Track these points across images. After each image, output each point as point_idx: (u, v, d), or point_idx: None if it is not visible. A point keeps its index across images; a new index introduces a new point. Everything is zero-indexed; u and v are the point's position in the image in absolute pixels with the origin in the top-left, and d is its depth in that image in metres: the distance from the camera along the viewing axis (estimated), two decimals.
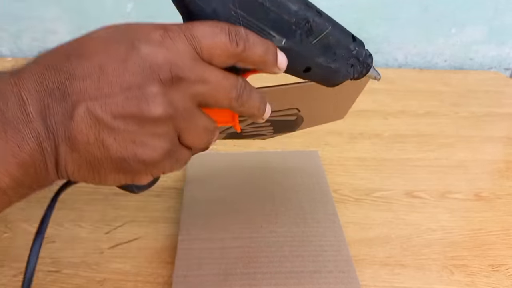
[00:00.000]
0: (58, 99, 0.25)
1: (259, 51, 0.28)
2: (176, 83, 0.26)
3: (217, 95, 0.28)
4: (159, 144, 0.27)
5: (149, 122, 0.26)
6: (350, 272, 0.46)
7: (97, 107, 0.25)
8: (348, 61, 0.32)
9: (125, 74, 0.25)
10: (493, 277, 0.48)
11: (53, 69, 0.25)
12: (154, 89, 0.26)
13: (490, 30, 1.01)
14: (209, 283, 0.44)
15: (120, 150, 0.26)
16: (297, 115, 0.48)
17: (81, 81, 0.25)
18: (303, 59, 0.30)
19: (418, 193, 0.60)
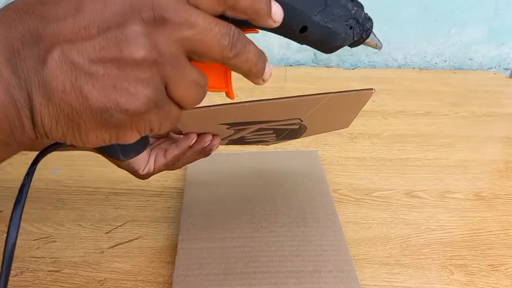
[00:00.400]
0: (30, 44, 0.22)
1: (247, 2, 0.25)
2: (160, 25, 0.24)
3: (207, 41, 0.25)
4: (142, 91, 0.24)
5: (130, 65, 0.23)
6: (350, 271, 0.46)
7: (72, 50, 0.22)
8: (347, 22, 0.31)
9: (103, 13, 0.23)
10: (493, 277, 0.48)
11: (25, 12, 0.23)
12: (135, 28, 0.23)
13: (490, 30, 1.01)
14: (209, 283, 0.44)
15: (100, 98, 0.23)
16: (300, 124, 0.48)
17: (55, 23, 0.22)
18: (299, 16, 0.29)
19: (417, 193, 0.60)
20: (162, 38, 0.24)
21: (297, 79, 0.94)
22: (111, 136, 0.25)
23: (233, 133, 0.46)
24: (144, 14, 0.23)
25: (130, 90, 0.24)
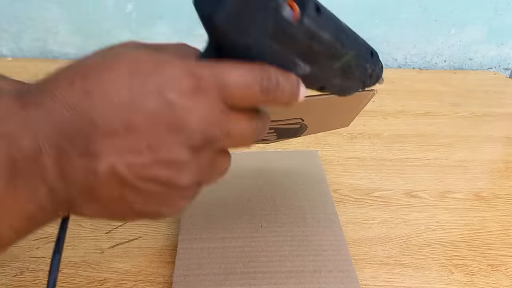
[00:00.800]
0: (81, 151, 0.22)
1: (285, 97, 0.27)
2: (205, 145, 0.25)
3: (238, 144, 0.27)
4: (182, 203, 0.26)
5: (175, 188, 0.25)
6: (350, 271, 0.46)
7: (123, 166, 0.23)
8: (361, 79, 0.32)
9: (154, 132, 0.23)
10: (493, 277, 0.48)
11: (74, 109, 0.22)
12: (183, 157, 0.24)
13: (489, 30, 1.01)
14: (209, 283, 0.44)
15: (144, 208, 0.25)
16: (301, 124, 0.48)
17: (107, 136, 0.22)
18: (321, 81, 0.30)
19: (417, 193, 0.60)
20: (205, 156, 0.25)
21: None
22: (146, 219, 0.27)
23: None
24: (194, 142, 0.24)
25: (171, 204, 0.26)
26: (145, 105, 0.23)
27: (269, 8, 0.23)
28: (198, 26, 0.25)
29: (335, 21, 0.27)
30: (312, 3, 0.25)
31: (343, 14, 0.95)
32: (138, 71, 0.23)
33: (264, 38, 0.24)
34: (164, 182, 0.24)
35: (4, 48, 1.00)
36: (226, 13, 0.23)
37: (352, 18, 1.07)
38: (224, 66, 0.24)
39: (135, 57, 0.24)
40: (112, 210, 0.25)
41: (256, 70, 0.25)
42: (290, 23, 0.24)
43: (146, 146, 0.23)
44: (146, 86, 0.23)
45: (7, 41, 1.00)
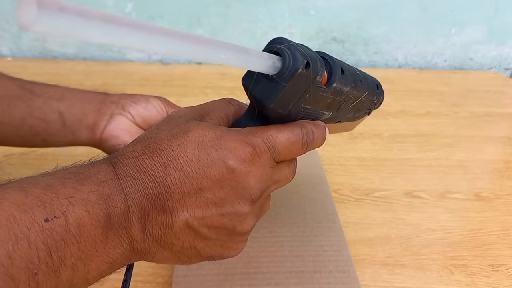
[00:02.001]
0: (159, 210, 0.27)
1: (319, 143, 0.33)
2: (260, 196, 0.30)
3: (283, 185, 0.33)
4: (242, 246, 0.32)
5: (238, 235, 0.30)
6: (350, 272, 0.46)
7: (195, 221, 0.28)
8: (369, 108, 0.37)
9: (220, 192, 0.28)
10: (493, 277, 0.48)
11: (154, 180, 0.27)
12: (245, 209, 0.29)
13: (490, 30, 1.01)
14: (209, 283, 0.44)
15: (210, 252, 0.30)
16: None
17: (181, 198, 0.28)
18: (338, 118, 0.34)
19: (418, 193, 0.60)
20: (260, 205, 0.31)
21: None
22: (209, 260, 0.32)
23: None
24: (253, 196, 0.29)
25: (233, 248, 0.31)
26: (211, 172, 0.28)
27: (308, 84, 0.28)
28: (198, 26, 0.25)
29: (353, 73, 0.32)
30: (338, 67, 0.30)
31: (343, 14, 0.94)
32: (204, 146, 0.28)
33: (301, 105, 0.29)
34: (229, 229, 0.29)
35: (4, 48, 1.00)
36: (276, 100, 0.27)
37: (352, 18, 1.08)
38: (271, 131, 0.30)
39: (199, 132, 0.29)
40: (182, 256, 0.30)
41: (296, 129, 0.31)
42: (322, 88, 0.29)
43: (213, 204, 0.28)
44: (211, 158, 0.28)
45: (7, 41, 1.00)
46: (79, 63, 0.97)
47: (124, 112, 0.46)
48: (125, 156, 0.28)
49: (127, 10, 0.96)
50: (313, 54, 0.28)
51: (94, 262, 0.26)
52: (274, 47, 0.27)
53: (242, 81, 0.29)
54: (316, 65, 0.28)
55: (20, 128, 0.44)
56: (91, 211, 0.25)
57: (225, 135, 0.29)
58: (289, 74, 0.26)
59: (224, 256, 0.31)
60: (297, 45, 0.27)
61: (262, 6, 0.96)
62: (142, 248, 0.28)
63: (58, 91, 0.46)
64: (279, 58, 0.27)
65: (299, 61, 0.26)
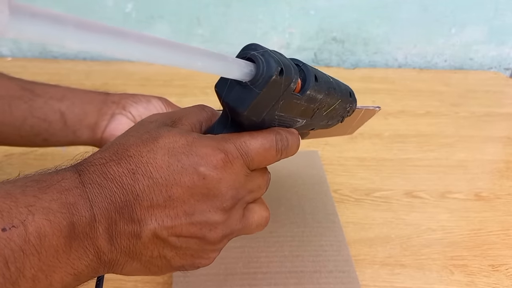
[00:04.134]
0: (126, 219, 0.27)
1: (293, 151, 0.32)
2: (234, 205, 0.29)
3: (257, 196, 0.32)
4: (214, 255, 0.30)
5: (208, 244, 0.29)
6: (350, 272, 0.46)
7: (164, 231, 0.27)
8: (342, 115, 0.37)
9: (190, 200, 0.27)
10: (493, 277, 0.48)
11: (122, 187, 0.27)
12: (216, 217, 0.28)
13: (490, 30, 1.01)
14: (209, 283, 0.44)
15: (180, 261, 0.29)
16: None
17: (149, 206, 0.27)
18: (312, 126, 0.35)
19: (418, 193, 0.60)
20: (234, 215, 0.29)
21: None
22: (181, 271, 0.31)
23: None
24: (225, 204, 0.28)
25: (204, 257, 0.30)
26: (181, 179, 0.27)
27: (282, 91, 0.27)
28: (198, 26, 0.25)
29: (327, 80, 0.32)
30: (312, 75, 0.29)
31: (343, 14, 0.95)
32: (174, 152, 0.27)
33: (275, 112, 0.29)
34: (199, 238, 0.28)
35: (4, 48, 1.00)
36: (249, 108, 0.27)
37: (352, 18, 1.08)
38: (245, 138, 0.29)
39: (170, 138, 0.28)
40: (152, 267, 0.29)
41: (270, 136, 0.30)
42: (296, 96, 0.29)
43: (182, 212, 0.27)
44: (182, 165, 0.27)
45: (7, 41, 1.00)
46: (79, 63, 0.97)
47: (125, 112, 0.46)
48: (92, 163, 0.27)
49: (127, 10, 0.96)
50: (287, 61, 0.28)
51: (57, 274, 0.25)
52: (248, 54, 0.27)
53: (215, 88, 0.29)
54: (290, 72, 0.27)
55: (21, 128, 0.44)
56: (52, 220, 0.24)
57: (197, 142, 0.28)
58: (263, 81, 0.26)
59: (195, 265, 0.30)
60: (271, 52, 0.27)
61: (262, 6, 0.96)
62: (110, 259, 0.27)
63: (59, 91, 0.46)
64: (253, 65, 0.26)
65: (273, 68, 0.26)
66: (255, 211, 0.32)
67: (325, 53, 1.02)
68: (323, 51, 1.02)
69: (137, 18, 0.97)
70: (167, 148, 0.27)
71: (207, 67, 0.24)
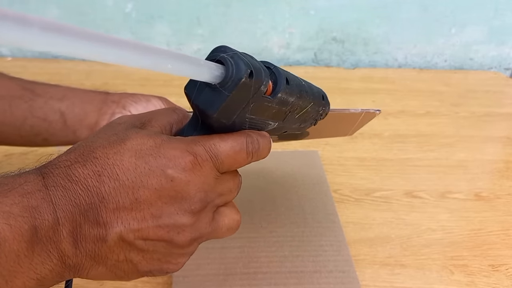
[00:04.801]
0: (92, 222, 0.26)
1: (265, 153, 0.32)
2: (203, 208, 0.28)
3: (228, 200, 0.31)
4: (182, 260, 0.30)
5: (176, 247, 0.28)
6: (350, 272, 0.46)
7: (130, 234, 0.26)
8: (315, 119, 0.36)
9: (157, 203, 0.27)
10: (493, 277, 0.48)
11: (87, 189, 0.26)
12: (184, 220, 0.27)
13: (490, 30, 1.01)
14: (209, 283, 0.44)
15: (147, 265, 0.28)
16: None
17: (115, 208, 0.26)
18: (284, 129, 0.34)
19: (418, 193, 0.60)
20: (203, 219, 0.29)
21: None
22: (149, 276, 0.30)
23: None
24: (193, 207, 0.28)
25: (172, 262, 0.29)
26: (149, 182, 0.26)
27: (252, 93, 0.27)
28: (198, 26, 0.25)
29: (298, 83, 0.32)
30: (283, 77, 0.29)
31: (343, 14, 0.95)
32: (142, 154, 0.27)
33: (246, 115, 0.29)
34: (167, 242, 0.28)
35: (4, 48, 1.00)
36: (219, 110, 0.27)
37: (352, 18, 1.08)
38: (214, 140, 0.29)
39: (138, 140, 0.28)
40: (118, 271, 0.28)
41: (241, 138, 0.30)
42: (267, 99, 0.28)
43: (149, 215, 0.27)
44: (149, 167, 0.27)
45: None
46: (79, 63, 0.97)
47: (125, 111, 0.46)
48: (56, 166, 0.27)
49: (127, 10, 0.96)
50: (257, 63, 0.28)
51: (18, 279, 0.24)
52: (217, 56, 0.27)
53: (184, 90, 0.29)
54: (260, 74, 0.27)
55: (21, 128, 0.44)
56: (13, 225, 0.24)
57: (165, 144, 0.28)
58: (233, 84, 0.26)
59: (163, 271, 0.29)
60: (240, 54, 0.27)
61: (262, 6, 0.96)
62: (74, 263, 0.26)
63: (59, 91, 0.46)
64: (223, 67, 0.26)
65: (242, 70, 0.26)
66: (226, 214, 0.31)
67: (325, 53, 1.02)
68: (323, 51, 1.02)
69: (137, 18, 0.97)
70: (135, 150, 0.27)
71: (177, 69, 0.23)
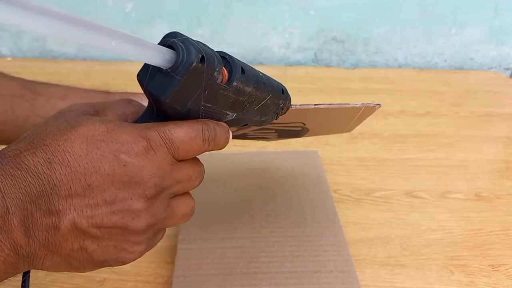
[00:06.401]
0: (44, 211, 0.25)
1: (222, 143, 0.31)
2: (158, 194, 0.28)
3: (187, 188, 0.31)
4: (139, 248, 0.29)
5: (131, 233, 0.28)
6: (350, 272, 0.46)
7: (83, 221, 0.26)
8: (275, 112, 0.37)
9: (110, 188, 0.26)
10: (493, 277, 0.48)
11: (37, 177, 0.25)
12: (139, 205, 0.27)
13: (490, 30, 1.01)
14: (209, 283, 0.44)
15: (103, 254, 0.28)
16: (302, 127, 0.49)
17: (68, 195, 0.26)
18: (244, 121, 0.35)
19: (418, 193, 0.60)
20: (158, 203, 0.28)
21: (297, 79, 0.94)
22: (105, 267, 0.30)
23: (236, 130, 0.47)
24: (148, 192, 0.27)
25: (129, 250, 0.28)
26: (101, 168, 0.26)
27: (205, 80, 0.27)
28: (198, 26, 0.26)
29: (255, 74, 0.32)
30: (238, 66, 0.29)
31: (343, 14, 0.95)
32: (93, 140, 0.26)
33: (200, 102, 0.28)
34: (122, 228, 0.27)
35: (4, 48, 1.00)
36: (171, 95, 0.26)
37: (352, 18, 1.08)
38: (169, 126, 0.28)
39: (89, 126, 0.27)
40: (73, 261, 0.27)
41: (196, 125, 0.29)
42: (222, 87, 0.28)
43: (103, 201, 0.26)
44: (101, 152, 0.26)
45: (7, 41, 1.00)
46: (79, 63, 0.97)
47: None
48: (5, 156, 0.26)
49: (127, 10, 0.96)
50: (210, 50, 0.28)
51: None
52: (168, 41, 0.27)
53: (137, 77, 0.28)
54: (213, 60, 0.27)
55: (23, 127, 0.44)
56: None
57: (118, 129, 0.27)
58: (184, 68, 0.26)
59: (120, 260, 0.29)
60: (191, 40, 0.27)
61: (262, 6, 0.96)
62: (28, 253, 0.26)
63: (60, 90, 0.47)
64: (173, 52, 0.26)
65: (193, 55, 0.26)
66: (182, 201, 0.31)
67: (325, 53, 1.02)
68: (323, 51, 1.02)
69: (137, 18, 0.97)
70: (86, 136, 0.27)
71: (123, 49, 0.23)
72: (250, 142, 0.69)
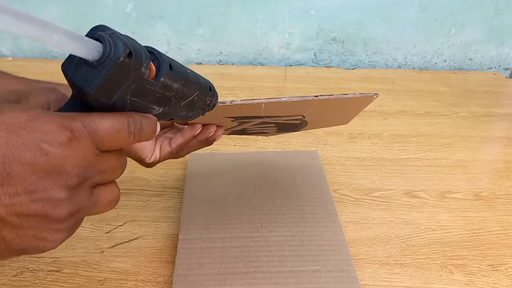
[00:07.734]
0: None
1: (148, 135, 0.31)
2: (81, 183, 0.28)
3: (110, 178, 0.31)
4: (59, 237, 0.28)
5: (52, 222, 0.27)
6: (350, 271, 0.46)
7: (1, 209, 0.25)
8: (202, 108, 0.37)
9: (31, 177, 0.26)
10: (493, 277, 0.48)
11: None
12: (60, 195, 0.27)
13: (490, 30, 1.01)
14: (209, 283, 0.44)
15: (21, 243, 0.27)
16: (301, 120, 0.49)
17: None
18: (171, 116, 0.35)
19: (417, 193, 0.60)
20: (81, 192, 0.28)
21: (297, 79, 0.94)
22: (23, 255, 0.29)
23: (237, 125, 0.47)
24: (70, 181, 0.27)
25: (49, 239, 0.28)
26: (22, 156, 0.26)
27: (132, 74, 0.27)
28: (198, 26, 0.26)
29: (183, 71, 0.32)
30: (166, 63, 0.30)
31: (343, 14, 0.95)
32: (14, 128, 0.26)
33: (127, 96, 0.28)
34: (42, 216, 0.27)
35: (4, 48, 1.00)
36: (96, 87, 0.26)
37: (352, 18, 1.08)
38: (94, 117, 0.28)
39: (10, 114, 0.26)
40: None
41: (122, 118, 0.29)
42: (149, 82, 0.29)
43: (23, 189, 0.26)
44: (22, 140, 0.26)
45: (7, 41, 1.00)
46: None
47: None
48: None
49: (127, 10, 0.96)
50: (138, 45, 0.28)
51: None
52: (95, 34, 0.26)
53: (61, 67, 0.28)
54: (141, 55, 0.27)
55: None
56: None
57: (40, 117, 0.27)
58: (111, 62, 0.26)
59: (39, 248, 0.28)
60: (119, 34, 0.27)
61: (262, 6, 0.96)
62: None
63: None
64: (100, 45, 0.26)
65: (120, 49, 0.26)
66: (107, 190, 0.31)
67: (325, 53, 1.02)
68: (323, 51, 1.02)
69: (137, 18, 0.97)
70: (6, 123, 0.26)
71: (46, 37, 0.23)
72: (250, 142, 0.69)
